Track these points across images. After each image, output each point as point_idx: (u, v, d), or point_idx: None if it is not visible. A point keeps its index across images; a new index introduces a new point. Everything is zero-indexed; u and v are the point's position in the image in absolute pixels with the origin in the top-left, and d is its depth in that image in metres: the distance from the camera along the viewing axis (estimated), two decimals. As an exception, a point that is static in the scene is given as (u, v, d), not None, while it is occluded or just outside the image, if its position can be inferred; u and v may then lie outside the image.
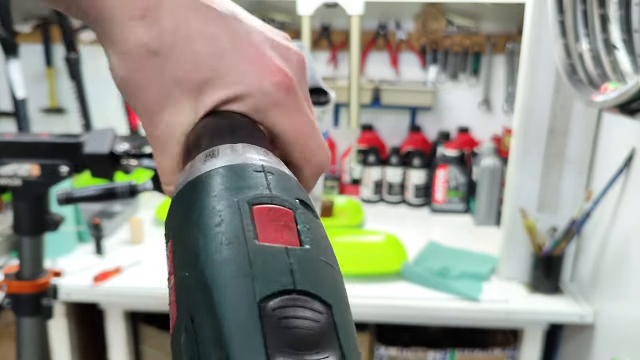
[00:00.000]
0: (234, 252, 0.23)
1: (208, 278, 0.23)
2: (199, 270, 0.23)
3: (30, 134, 1.34)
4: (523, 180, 1.52)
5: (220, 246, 0.24)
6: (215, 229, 0.25)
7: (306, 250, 0.24)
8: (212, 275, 0.23)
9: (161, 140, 0.34)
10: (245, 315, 0.21)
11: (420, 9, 2.17)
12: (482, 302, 1.48)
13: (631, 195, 1.31)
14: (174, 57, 0.32)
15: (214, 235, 0.24)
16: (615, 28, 1.01)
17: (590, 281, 1.50)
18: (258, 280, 0.22)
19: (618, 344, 1.35)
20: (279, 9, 2.18)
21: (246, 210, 0.25)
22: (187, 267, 0.24)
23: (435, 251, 1.74)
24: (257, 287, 0.22)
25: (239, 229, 0.24)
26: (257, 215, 0.25)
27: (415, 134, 2.26)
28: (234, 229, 0.24)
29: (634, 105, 0.89)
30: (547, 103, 1.45)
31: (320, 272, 0.23)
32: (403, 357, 1.60)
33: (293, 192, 0.28)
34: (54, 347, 1.62)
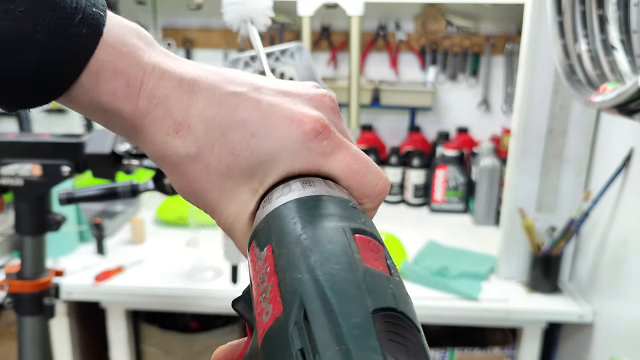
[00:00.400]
0: (348, 266, 0.27)
1: (324, 282, 0.26)
2: (314, 274, 0.27)
3: (32, 134, 1.34)
4: (522, 180, 1.52)
5: (334, 258, 0.27)
6: (327, 245, 0.28)
7: (399, 281, 0.28)
8: (329, 280, 0.26)
9: (231, 229, 0.36)
10: (362, 320, 0.24)
11: (420, 9, 2.18)
12: (481, 301, 1.49)
13: (629, 195, 1.32)
14: (214, 155, 0.34)
15: (326, 248, 0.28)
16: (613, 29, 1.02)
17: (588, 280, 1.51)
18: (371, 295, 0.26)
19: (617, 343, 1.35)
20: (279, 10, 2.19)
21: (351, 236, 0.29)
22: (300, 270, 0.27)
23: (435, 251, 1.74)
24: (370, 300, 0.25)
25: (347, 248, 0.28)
26: (360, 242, 0.29)
27: (415, 134, 2.26)
28: (344, 247, 0.28)
29: (632, 105, 0.90)
30: (546, 103, 1.46)
31: (409, 301, 0.27)
32: (403, 356, 1.61)
33: (377, 230, 0.32)
34: (56, 346, 1.63)
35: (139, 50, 0.35)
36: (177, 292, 1.51)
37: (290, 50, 0.99)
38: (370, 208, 0.37)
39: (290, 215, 0.31)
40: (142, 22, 2.20)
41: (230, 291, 1.45)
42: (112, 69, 0.33)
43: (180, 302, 1.52)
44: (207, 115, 0.34)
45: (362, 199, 0.36)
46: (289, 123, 0.34)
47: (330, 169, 0.35)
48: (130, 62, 0.34)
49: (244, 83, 0.35)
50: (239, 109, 0.34)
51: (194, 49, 2.25)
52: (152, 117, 0.34)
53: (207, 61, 1.95)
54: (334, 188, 0.34)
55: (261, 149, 0.34)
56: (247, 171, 0.35)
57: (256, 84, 0.36)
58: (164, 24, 2.24)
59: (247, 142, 0.34)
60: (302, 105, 0.35)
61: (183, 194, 0.37)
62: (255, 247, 0.31)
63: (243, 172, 0.35)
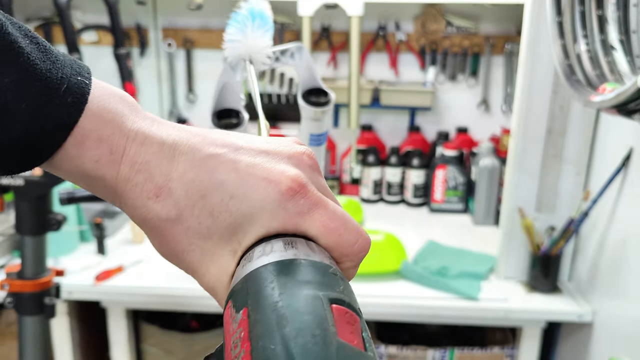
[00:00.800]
0: (321, 339, 0.27)
1: (296, 357, 0.26)
2: (287, 346, 0.26)
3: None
4: (521, 180, 1.53)
5: (309, 330, 0.27)
6: (303, 315, 0.28)
7: (372, 356, 0.28)
8: (302, 355, 0.26)
9: (213, 290, 0.37)
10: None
11: (420, 10, 2.18)
12: (481, 301, 1.49)
13: (629, 195, 1.32)
14: (194, 217, 0.35)
15: (302, 319, 0.28)
16: (613, 29, 1.02)
17: (588, 280, 1.51)
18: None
19: (616, 342, 1.36)
20: (279, 10, 2.19)
21: (328, 306, 0.29)
22: (273, 340, 0.27)
23: (434, 250, 1.75)
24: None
25: (323, 320, 0.28)
26: (336, 313, 0.29)
27: (415, 134, 2.27)
28: (319, 318, 0.28)
29: (631, 105, 0.89)
30: (546, 103, 1.46)
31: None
32: (403, 355, 1.61)
33: (355, 299, 0.31)
34: (56, 345, 1.63)
35: (123, 117, 0.35)
36: (177, 292, 1.51)
37: (290, 50, 0.99)
38: (351, 267, 0.37)
39: (269, 279, 0.31)
40: (142, 23, 2.21)
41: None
42: (96, 137, 0.34)
43: (180, 301, 1.53)
44: (187, 179, 0.35)
45: (341, 258, 0.36)
46: (266, 183, 0.35)
47: (307, 229, 0.35)
48: (113, 130, 0.35)
49: (224, 144, 0.36)
50: (217, 171, 0.35)
51: (194, 49, 2.25)
52: (133, 183, 0.35)
53: (208, 61, 1.96)
54: (316, 251, 0.34)
55: (239, 210, 0.34)
56: (227, 232, 0.35)
57: (236, 145, 0.36)
58: (164, 25, 2.24)
59: (226, 203, 0.34)
60: (281, 164, 0.36)
61: (164, 256, 0.37)
62: (231, 308, 0.31)
63: (223, 234, 0.35)
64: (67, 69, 0.35)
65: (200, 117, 2.33)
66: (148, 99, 2.30)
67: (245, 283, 0.32)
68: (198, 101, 2.32)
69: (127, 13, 2.13)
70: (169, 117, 2.33)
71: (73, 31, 1.86)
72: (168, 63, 2.26)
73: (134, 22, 2.22)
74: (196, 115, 2.33)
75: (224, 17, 0.71)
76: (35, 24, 2.20)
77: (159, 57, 2.27)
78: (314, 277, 0.31)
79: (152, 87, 2.30)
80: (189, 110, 2.34)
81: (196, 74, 2.29)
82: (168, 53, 2.25)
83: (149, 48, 2.25)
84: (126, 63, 1.96)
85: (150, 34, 2.23)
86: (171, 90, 2.30)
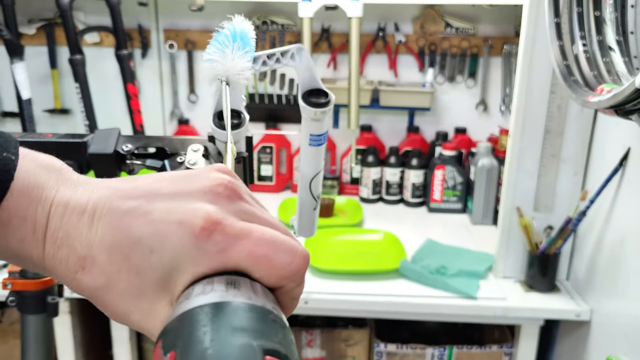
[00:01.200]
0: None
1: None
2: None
3: (35, 134, 1.35)
4: (520, 179, 1.54)
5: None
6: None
7: None
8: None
9: (155, 334, 0.36)
10: None
11: (419, 11, 2.19)
12: (480, 299, 1.51)
13: (626, 195, 1.33)
14: (122, 280, 0.34)
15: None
16: (610, 30, 1.02)
17: (586, 279, 1.52)
18: None
19: (613, 340, 1.36)
20: (280, 12, 2.20)
21: (260, 357, 0.27)
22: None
23: (433, 249, 1.76)
24: None
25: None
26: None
27: (414, 135, 2.28)
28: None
29: (628, 106, 0.89)
30: (544, 104, 1.47)
31: None
32: (402, 353, 1.63)
33: (293, 349, 0.30)
34: (59, 344, 1.64)
35: (47, 190, 0.35)
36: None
37: (290, 51, 1.00)
38: (294, 287, 0.36)
39: (203, 322, 0.29)
40: (144, 24, 2.22)
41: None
42: (21, 216, 0.34)
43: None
44: (107, 243, 0.34)
45: (281, 281, 0.35)
46: (180, 228, 0.34)
47: (235, 264, 0.34)
48: (36, 207, 0.35)
49: (141, 194, 0.35)
50: (134, 228, 0.34)
51: (196, 50, 2.26)
52: (58, 260, 0.35)
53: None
54: (259, 294, 0.32)
55: (162, 263, 0.34)
56: (158, 287, 0.34)
57: (152, 192, 0.35)
58: (166, 26, 2.25)
59: (148, 259, 0.34)
60: (195, 202, 0.35)
61: (114, 319, 0.37)
62: (160, 348, 0.30)
63: (155, 289, 0.34)
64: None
65: (201, 118, 2.34)
66: (150, 100, 2.31)
67: (178, 323, 0.30)
68: (199, 102, 2.33)
69: (128, 14, 2.14)
70: (171, 118, 2.35)
71: (75, 32, 1.88)
72: (170, 64, 2.28)
73: (136, 24, 2.23)
74: (197, 116, 2.35)
75: (225, 19, 0.71)
76: (38, 25, 2.21)
77: (160, 58, 2.28)
78: (251, 323, 0.29)
79: (153, 88, 2.31)
80: (190, 111, 2.35)
81: (198, 75, 2.31)
82: (170, 54, 2.26)
83: (151, 49, 2.26)
84: (128, 64, 1.97)
85: (152, 35, 2.24)
86: (173, 91, 2.32)
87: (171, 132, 2.34)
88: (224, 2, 2.12)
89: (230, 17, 0.72)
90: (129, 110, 2.00)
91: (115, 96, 2.24)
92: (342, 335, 1.66)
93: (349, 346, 1.67)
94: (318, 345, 1.66)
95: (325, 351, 1.67)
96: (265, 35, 2.22)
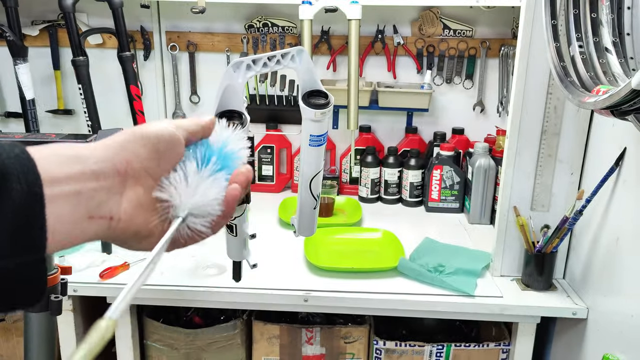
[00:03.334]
0: None
1: None
2: None
3: (39, 135, 1.37)
4: (516, 179, 1.55)
5: None
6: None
7: None
8: None
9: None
10: None
11: (417, 13, 2.21)
12: (477, 297, 1.52)
13: (622, 194, 1.34)
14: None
15: None
16: (606, 31, 1.03)
17: (582, 277, 1.53)
18: None
19: (609, 338, 1.37)
20: (280, 14, 2.22)
21: None
22: None
23: (431, 247, 1.77)
24: None
25: None
26: None
27: (412, 135, 2.30)
28: None
29: (625, 107, 0.90)
30: (540, 105, 1.49)
31: None
32: (400, 350, 1.65)
33: None
34: (62, 341, 1.66)
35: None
36: (180, 289, 1.54)
37: (291, 53, 1.02)
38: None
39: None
40: (146, 26, 2.24)
41: (232, 287, 1.49)
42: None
43: (183, 298, 1.55)
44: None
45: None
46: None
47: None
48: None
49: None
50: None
51: (198, 52, 2.28)
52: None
53: (211, 64, 1.99)
54: None
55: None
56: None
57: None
58: (168, 28, 2.27)
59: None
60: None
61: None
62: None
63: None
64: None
65: (202, 119, 2.36)
66: (152, 101, 2.33)
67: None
68: (201, 103, 2.35)
69: (131, 16, 2.16)
70: (173, 119, 2.36)
71: (78, 34, 1.89)
72: (172, 66, 2.30)
73: (138, 26, 2.25)
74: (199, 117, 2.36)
75: (227, 21, 0.72)
76: (41, 27, 2.23)
77: (162, 60, 2.30)
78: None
79: (156, 90, 2.33)
80: (192, 112, 2.37)
81: (199, 77, 2.33)
82: (172, 56, 2.28)
83: (153, 51, 2.28)
84: (131, 66, 1.99)
85: (154, 37, 2.26)
86: (175, 93, 2.33)
87: (172, 133, 2.35)
88: (226, 4, 2.14)
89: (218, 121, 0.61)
90: (132, 111, 2.01)
91: (118, 97, 2.26)
92: (342, 332, 1.68)
93: (348, 343, 1.69)
94: (318, 342, 1.68)
95: (324, 348, 1.69)
96: (265, 38, 2.24)
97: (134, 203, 0.50)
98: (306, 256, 1.68)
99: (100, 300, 1.60)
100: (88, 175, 0.47)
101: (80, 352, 0.42)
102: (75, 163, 0.46)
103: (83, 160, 0.47)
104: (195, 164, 0.55)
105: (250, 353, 1.73)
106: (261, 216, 2.05)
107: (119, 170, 0.49)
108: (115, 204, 0.49)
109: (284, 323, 1.69)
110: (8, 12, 1.86)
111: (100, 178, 0.48)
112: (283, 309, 1.59)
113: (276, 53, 1.00)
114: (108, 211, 0.48)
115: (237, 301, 1.55)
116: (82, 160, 0.47)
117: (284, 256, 1.73)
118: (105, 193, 0.48)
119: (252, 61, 0.97)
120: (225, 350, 1.70)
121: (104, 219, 0.48)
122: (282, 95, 2.29)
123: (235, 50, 2.25)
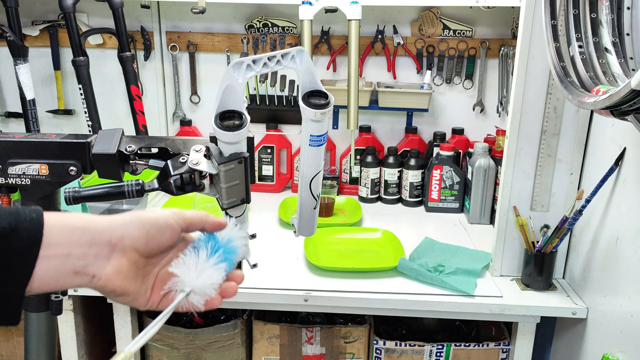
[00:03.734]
0: None
1: None
2: None
3: (39, 135, 1.36)
4: (516, 179, 1.55)
5: None
6: None
7: None
8: None
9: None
10: None
11: (417, 14, 2.22)
12: (477, 297, 1.52)
13: (621, 194, 1.34)
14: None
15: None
16: (606, 32, 1.03)
17: (582, 277, 1.53)
18: None
19: (609, 338, 1.37)
20: (280, 15, 2.23)
21: None
22: None
23: (431, 247, 1.77)
24: None
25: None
26: None
27: (412, 135, 2.30)
28: None
29: (624, 107, 0.90)
30: (540, 105, 1.49)
31: None
32: (400, 350, 1.65)
33: None
34: (62, 341, 1.66)
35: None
36: (181, 288, 1.54)
37: (291, 53, 1.02)
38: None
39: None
40: (146, 26, 2.24)
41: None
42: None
43: (184, 298, 1.55)
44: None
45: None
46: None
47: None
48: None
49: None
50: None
51: (198, 52, 2.28)
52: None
53: (211, 64, 2.00)
54: None
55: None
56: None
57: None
58: (168, 28, 2.27)
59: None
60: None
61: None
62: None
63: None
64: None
65: (203, 119, 2.36)
66: (152, 101, 2.33)
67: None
68: (201, 103, 2.36)
69: (131, 17, 2.17)
70: (174, 119, 2.37)
71: (78, 34, 1.89)
72: (172, 66, 2.30)
73: (139, 26, 2.25)
74: (199, 117, 2.37)
75: (227, 21, 0.72)
76: (41, 27, 2.24)
77: (163, 60, 2.30)
78: None
79: (156, 90, 2.33)
80: (192, 112, 2.38)
81: (200, 77, 2.33)
82: (172, 56, 2.28)
83: (154, 51, 2.28)
84: (131, 66, 1.99)
85: (155, 37, 2.27)
86: (175, 93, 2.34)
87: (173, 133, 2.36)
88: (226, 4, 2.14)
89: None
90: (132, 111, 2.02)
91: (118, 97, 2.26)
92: (342, 332, 1.69)
93: (348, 343, 1.69)
94: (318, 342, 1.68)
95: (325, 348, 1.69)
96: (266, 38, 2.24)
97: (115, 269, 0.63)
98: (306, 256, 1.68)
99: (100, 300, 1.61)
100: (83, 243, 0.61)
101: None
102: (78, 232, 0.61)
103: (86, 230, 0.61)
104: (205, 252, 0.69)
105: (250, 353, 1.73)
106: (261, 216, 2.05)
107: (111, 242, 0.63)
108: (100, 267, 0.62)
109: (284, 323, 1.69)
110: (8, 12, 1.86)
111: (93, 246, 0.61)
112: (283, 308, 1.59)
113: (276, 53, 1.01)
114: (92, 271, 0.62)
115: (237, 301, 1.56)
116: (85, 230, 0.61)
117: (284, 256, 1.74)
118: (93, 257, 0.61)
119: (253, 61, 0.97)
120: (225, 350, 1.70)
121: (87, 275, 0.62)
122: (282, 95, 2.29)
123: (235, 50, 2.26)
